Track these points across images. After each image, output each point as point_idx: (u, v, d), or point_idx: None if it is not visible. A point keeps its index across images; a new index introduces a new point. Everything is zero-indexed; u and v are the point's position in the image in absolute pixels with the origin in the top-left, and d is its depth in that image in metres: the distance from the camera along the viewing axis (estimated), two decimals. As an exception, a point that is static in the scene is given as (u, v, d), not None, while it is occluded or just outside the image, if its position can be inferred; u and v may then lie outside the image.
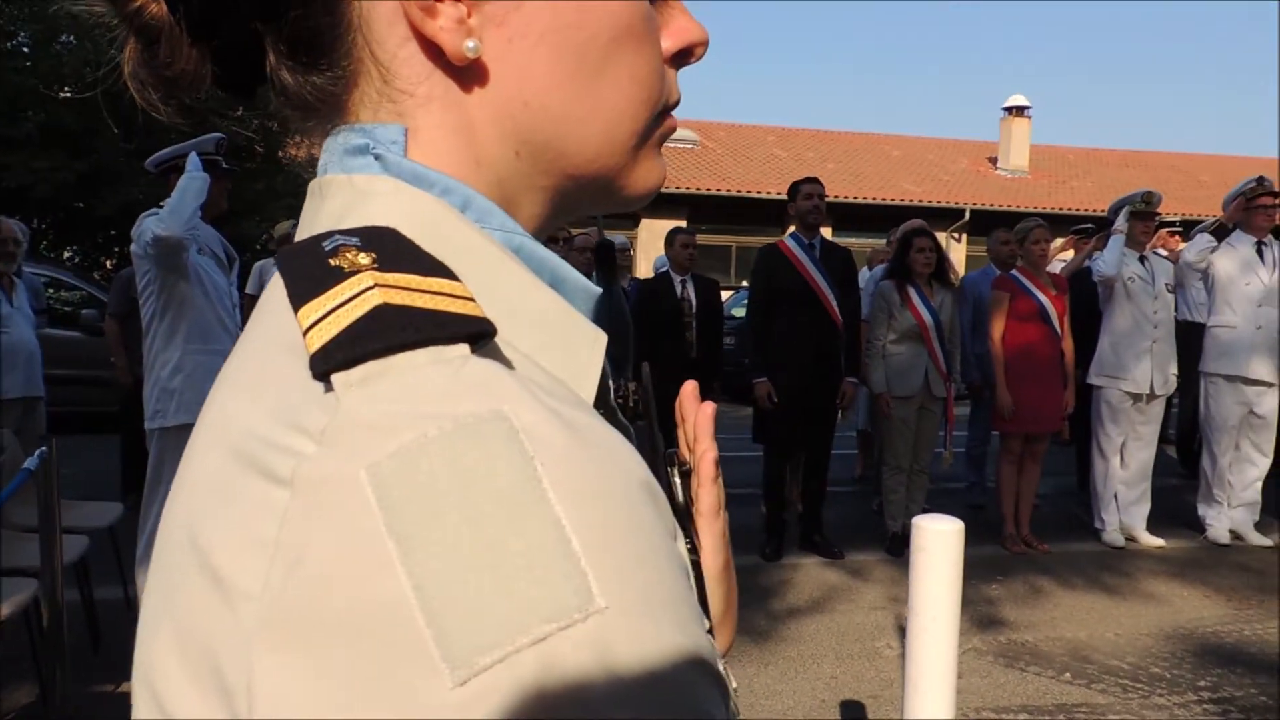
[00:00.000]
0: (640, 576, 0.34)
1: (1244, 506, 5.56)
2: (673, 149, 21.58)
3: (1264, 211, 5.44)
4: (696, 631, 0.36)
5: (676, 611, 0.35)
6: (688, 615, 0.36)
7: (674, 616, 0.35)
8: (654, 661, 0.33)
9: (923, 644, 1.88)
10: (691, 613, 0.36)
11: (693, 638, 0.35)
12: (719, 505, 0.67)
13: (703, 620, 0.38)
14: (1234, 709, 3.41)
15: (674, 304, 5.70)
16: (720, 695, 0.37)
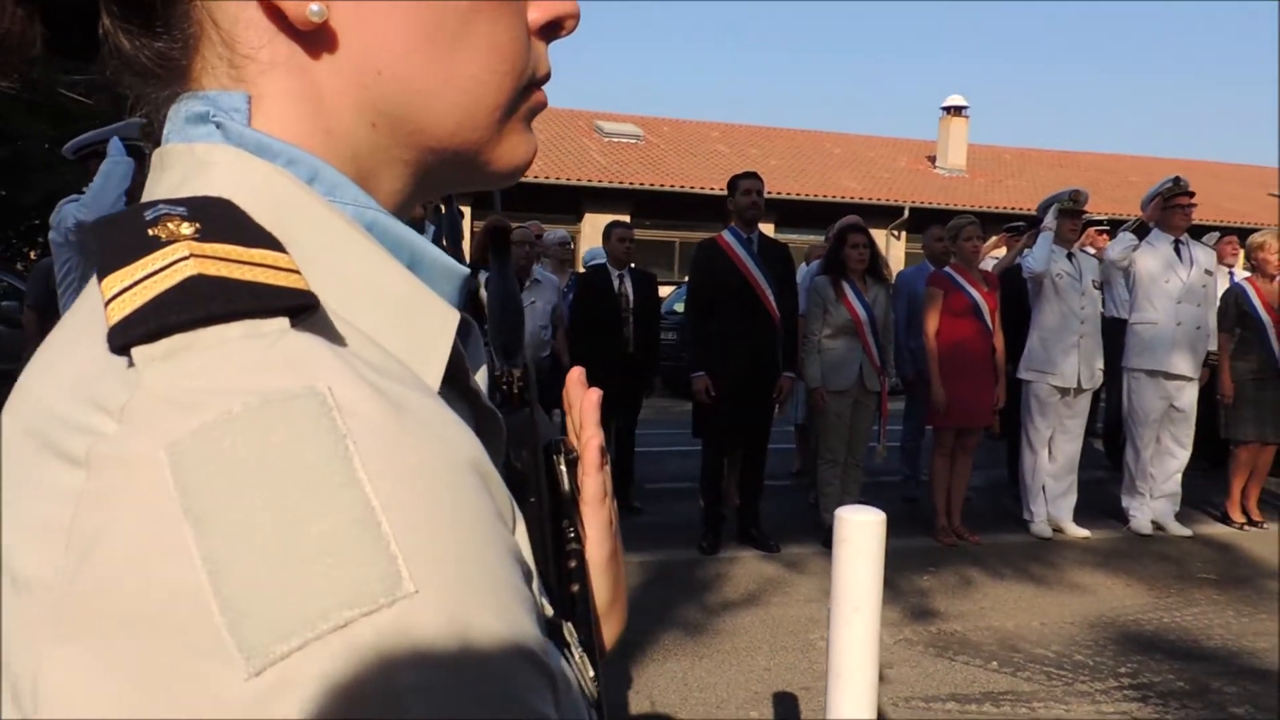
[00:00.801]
0: (458, 560, 0.33)
1: (1165, 498, 5.73)
2: (617, 144, 21.58)
3: (1181, 211, 5.61)
4: (519, 619, 0.35)
5: (497, 597, 0.34)
6: (510, 602, 0.35)
7: (494, 603, 0.34)
8: (467, 649, 0.32)
9: (846, 634, 1.90)
10: (516, 599, 0.35)
11: (513, 625, 0.34)
12: (604, 493, 0.66)
13: (532, 609, 0.37)
14: (1152, 694, 3.51)
15: (611, 299, 5.69)
16: (547, 686, 0.36)
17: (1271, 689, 3.57)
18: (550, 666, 0.37)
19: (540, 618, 0.41)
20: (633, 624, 3.09)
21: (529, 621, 0.36)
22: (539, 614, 0.42)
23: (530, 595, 0.38)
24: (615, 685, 3.53)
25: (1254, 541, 5.57)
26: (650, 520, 5.91)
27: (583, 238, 18.85)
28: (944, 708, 3.39)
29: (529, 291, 5.84)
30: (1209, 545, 5.48)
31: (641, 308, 5.82)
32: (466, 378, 0.47)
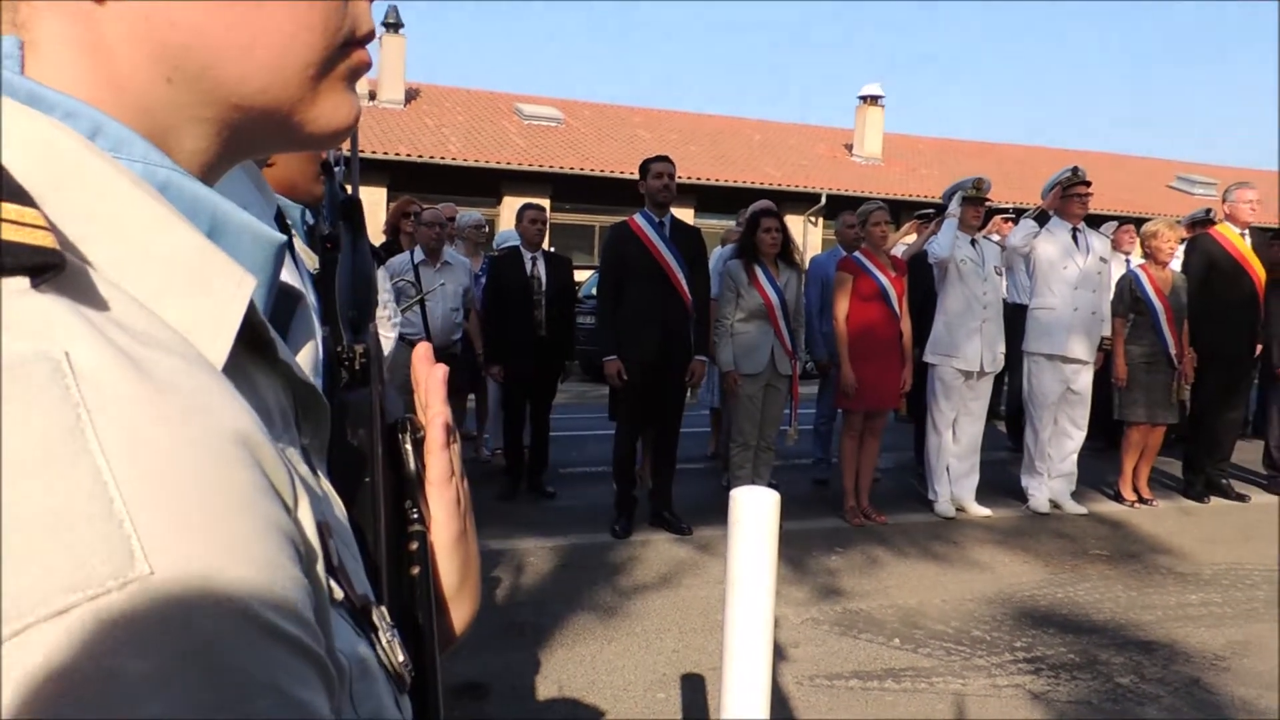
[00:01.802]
0: (204, 539, 0.31)
1: (1062, 477, 5.93)
2: (537, 127, 21.39)
3: (1078, 200, 5.79)
4: (276, 601, 0.33)
5: (249, 579, 0.32)
6: (268, 584, 0.33)
7: (245, 585, 0.31)
8: (208, 635, 0.30)
9: (740, 614, 1.91)
10: (276, 581, 0.33)
11: (269, 609, 0.32)
12: (451, 473, 0.63)
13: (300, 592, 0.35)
14: (1045, 666, 3.63)
15: (523, 281, 5.64)
16: (314, 673, 0.34)
17: (1156, 659, 3.72)
18: (317, 652, 0.35)
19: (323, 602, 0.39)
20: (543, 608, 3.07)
21: (292, 604, 0.33)
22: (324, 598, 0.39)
23: (300, 578, 0.35)
24: (523, 671, 3.51)
25: (1144, 519, 5.80)
26: (564, 505, 5.90)
27: (501, 221, 18.65)
28: (847, 685, 3.45)
29: (439, 273, 5.75)
30: (1102, 523, 5.69)
31: (555, 291, 5.78)
32: (274, 349, 0.45)
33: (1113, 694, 3.41)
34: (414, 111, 20.39)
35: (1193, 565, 4.91)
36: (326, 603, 0.40)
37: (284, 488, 0.38)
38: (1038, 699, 3.36)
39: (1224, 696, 3.40)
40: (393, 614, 0.51)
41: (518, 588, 4.40)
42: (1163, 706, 3.32)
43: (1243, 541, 5.38)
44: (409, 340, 5.66)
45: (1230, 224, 6.37)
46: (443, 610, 0.63)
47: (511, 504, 5.80)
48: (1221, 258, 6.26)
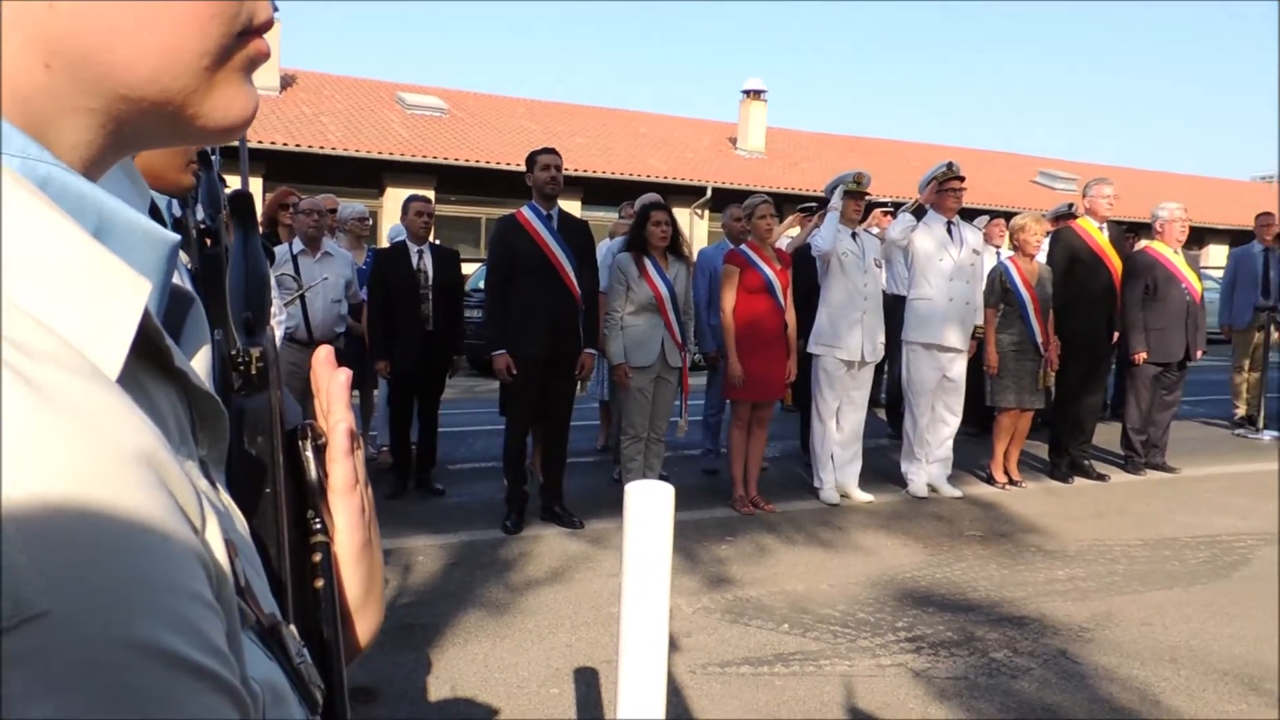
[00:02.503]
0: (109, 569, 0.29)
1: (939, 462, 6.16)
2: (421, 117, 20.98)
3: (953, 194, 6.02)
4: (195, 632, 0.31)
5: (158, 610, 0.30)
6: (183, 613, 0.31)
7: (152, 616, 0.30)
8: (117, 673, 0.28)
9: (635, 608, 1.92)
10: (193, 610, 0.32)
11: (180, 640, 0.30)
12: (355, 480, 0.61)
13: (213, 617, 0.33)
14: (925, 645, 3.77)
15: (410, 275, 5.53)
16: (229, 704, 0.33)
17: (1027, 633, 3.91)
18: (231, 682, 0.33)
19: (235, 627, 0.37)
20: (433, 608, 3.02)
21: (204, 633, 0.32)
22: (235, 622, 0.38)
23: (212, 603, 0.34)
24: (414, 672, 3.45)
25: (1014, 500, 6.09)
26: (454, 501, 5.82)
27: (385, 212, 18.24)
28: (738, 672, 3.51)
29: (320, 265, 5.59)
30: (976, 505, 5.95)
31: (442, 285, 5.69)
32: (169, 357, 0.42)
33: (988, 668, 3.57)
34: (290, 99, 19.72)
35: (1059, 543, 5.18)
36: (238, 627, 0.39)
37: (191, 507, 0.36)
38: (919, 676, 3.48)
39: (1088, 666, 3.60)
40: (298, 630, 0.50)
41: (407, 587, 4.32)
42: (1033, 678, 3.50)
43: (1104, 518, 5.70)
44: (289, 336, 5.48)
45: (1090, 218, 6.73)
46: (348, 623, 0.61)
47: (399, 502, 5.69)
48: (1082, 250, 6.60)
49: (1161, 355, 6.75)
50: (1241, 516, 5.75)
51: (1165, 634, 3.93)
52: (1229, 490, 6.39)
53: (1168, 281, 6.73)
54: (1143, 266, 6.78)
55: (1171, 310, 6.71)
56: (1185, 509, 5.91)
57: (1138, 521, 5.62)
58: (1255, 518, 5.73)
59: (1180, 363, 6.83)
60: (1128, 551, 5.03)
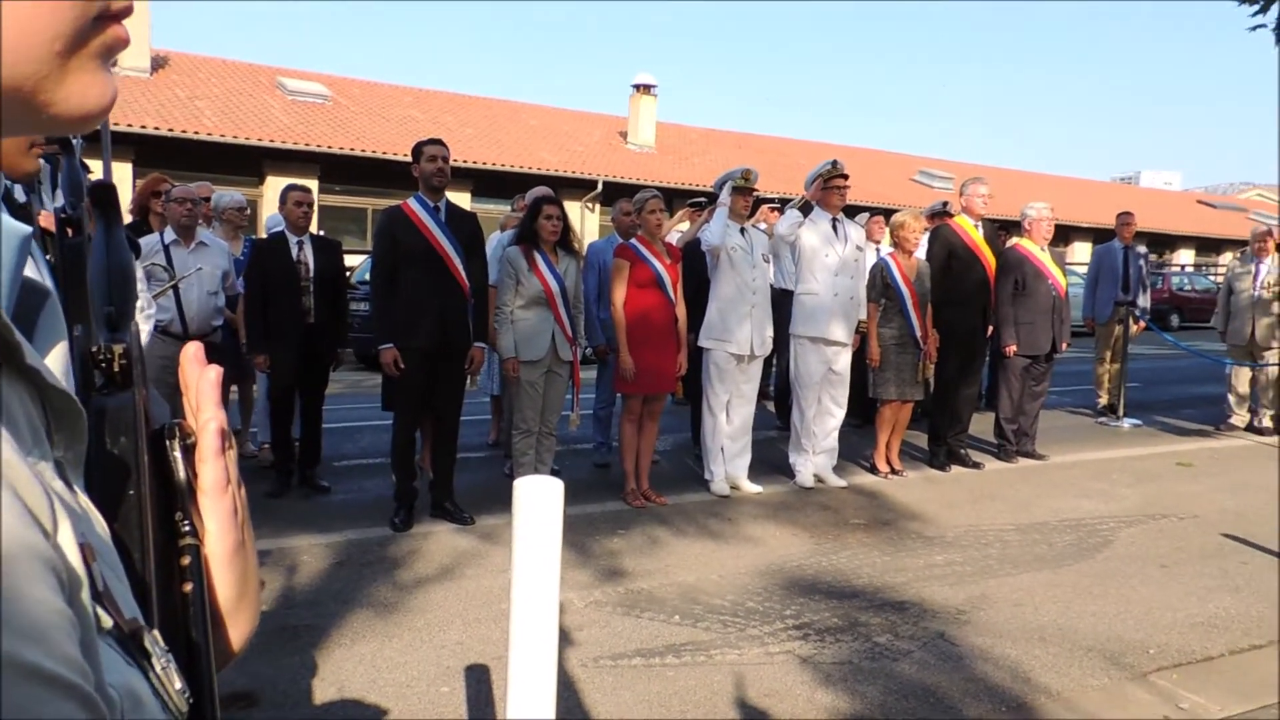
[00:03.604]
0: None
1: (825, 453, 6.32)
2: (302, 104, 20.34)
3: (837, 191, 6.17)
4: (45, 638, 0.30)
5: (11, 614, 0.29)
6: (32, 619, 0.30)
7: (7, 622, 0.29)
8: None
9: (525, 604, 1.90)
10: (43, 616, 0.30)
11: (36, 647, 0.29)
12: (226, 480, 0.59)
13: (66, 626, 0.31)
14: (811, 632, 3.86)
15: (289, 266, 5.36)
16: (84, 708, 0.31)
17: (908, 617, 4.05)
18: (85, 689, 0.32)
19: (90, 633, 0.36)
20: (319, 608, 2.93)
21: (55, 639, 0.31)
22: (90, 628, 0.36)
23: (63, 609, 0.32)
24: (298, 675, 3.35)
25: (896, 488, 6.29)
26: (340, 499, 5.68)
27: (265, 202, 17.64)
28: (630, 664, 3.53)
29: (194, 255, 5.37)
30: (860, 494, 6.12)
31: (324, 276, 5.53)
32: (19, 353, 0.39)
33: (871, 653, 3.68)
34: (162, 81, 18.84)
35: (938, 529, 5.38)
36: (94, 633, 0.37)
37: (41, 511, 0.34)
38: (805, 662, 3.57)
39: (964, 647, 3.75)
40: (165, 635, 0.48)
41: (290, 588, 4.19)
42: (913, 660, 3.62)
43: (979, 504, 5.94)
44: (162, 329, 5.25)
45: (966, 216, 7.00)
46: (220, 627, 0.60)
47: (282, 500, 5.52)
48: (959, 247, 6.86)
49: (1030, 348, 7.07)
50: (1104, 501, 6.08)
51: (1035, 614, 4.13)
52: (1093, 476, 6.75)
53: (1036, 277, 7.06)
54: (1013, 263, 7.09)
55: (1039, 305, 7.04)
56: (1053, 494, 6.22)
57: (1010, 507, 5.88)
58: (1116, 501, 6.07)
59: (1048, 355, 7.18)
60: (1001, 536, 5.26)
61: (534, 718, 1.91)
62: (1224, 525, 5.54)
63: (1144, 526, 5.52)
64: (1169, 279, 23.24)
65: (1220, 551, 5.07)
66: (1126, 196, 32.72)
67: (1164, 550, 5.07)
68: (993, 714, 3.23)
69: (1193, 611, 4.21)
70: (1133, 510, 5.86)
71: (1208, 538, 5.31)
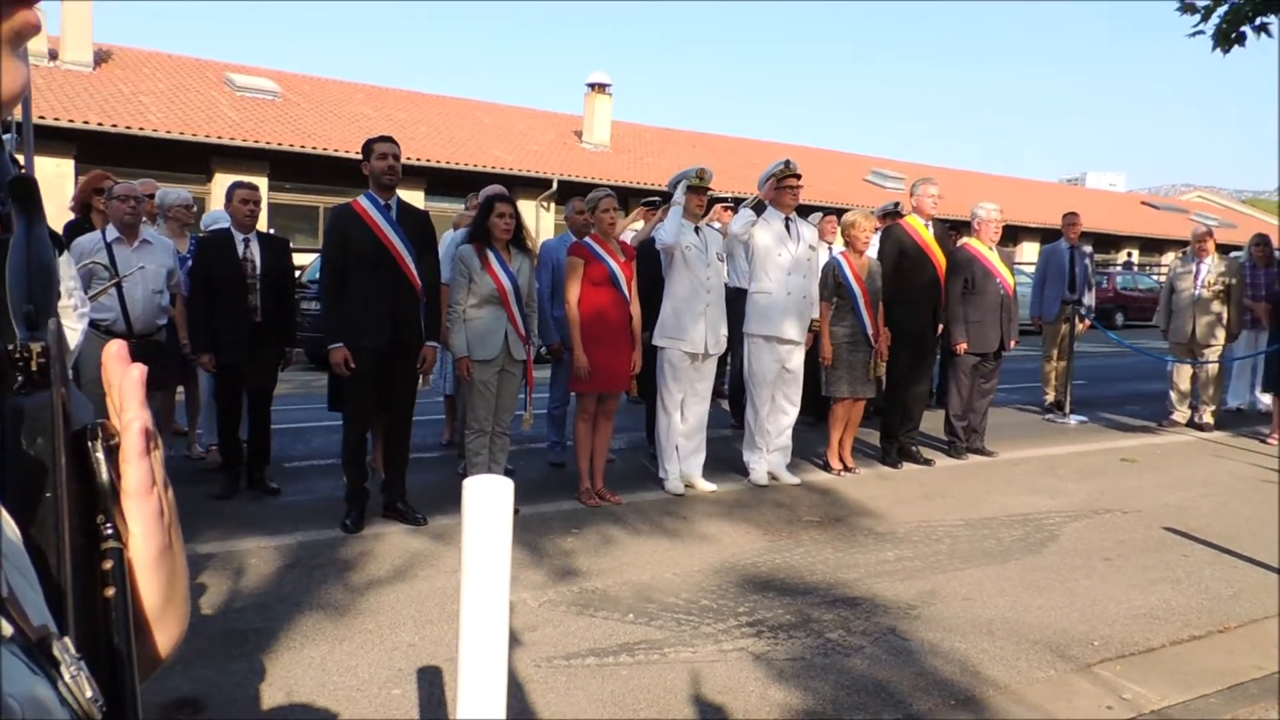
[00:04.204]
0: None
1: (779, 451, 6.36)
2: (252, 100, 20.02)
3: (790, 191, 6.21)
4: None
5: None
6: None
7: None
8: None
9: (475, 605, 1.88)
10: None
11: None
12: (151, 482, 0.57)
13: None
14: (765, 629, 3.88)
15: (235, 264, 5.27)
16: None
17: (860, 613, 4.09)
18: None
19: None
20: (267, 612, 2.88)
21: None
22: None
23: None
24: (246, 680, 3.29)
25: (849, 485, 6.35)
26: (289, 501, 5.59)
27: (213, 199, 17.33)
28: (584, 663, 3.52)
29: (137, 253, 5.25)
30: (813, 491, 6.17)
31: (271, 274, 5.45)
32: None
33: (824, 648, 3.70)
34: (105, 76, 18.43)
35: (889, 525, 5.44)
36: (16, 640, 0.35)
37: None
38: (759, 659, 3.58)
39: (915, 642, 3.80)
40: (85, 641, 0.47)
41: (238, 592, 4.12)
42: (865, 656, 3.65)
43: (929, 500, 6.02)
44: (105, 329, 5.14)
45: (917, 215, 7.08)
46: (145, 633, 0.58)
47: (230, 503, 5.42)
48: (910, 246, 6.94)
49: (979, 346, 7.18)
50: (1050, 496, 6.19)
51: (984, 608, 4.19)
52: (1040, 472, 6.87)
53: (985, 277, 7.17)
54: (963, 262, 7.19)
55: (988, 303, 7.15)
56: (1002, 490, 6.32)
57: (959, 503, 5.96)
58: (1063, 496, 6.18)
59: (996, 353, 7.29)
60: (951, 531, 5.33)
61: (484, 719, 1.89)
62: (1166, 519, 5.67)
63: (1089, 521, 5.63)
64: (1113, 278, 23.75)
65: (1162, 545, 5.19)
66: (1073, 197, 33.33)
67: (1108, 544, 5.17)
68: (942, 707, 3.27)
69: (1135, 604, 4.30)
70: (1078, 505, 5.98)
71: (1150, 531, 5.43)
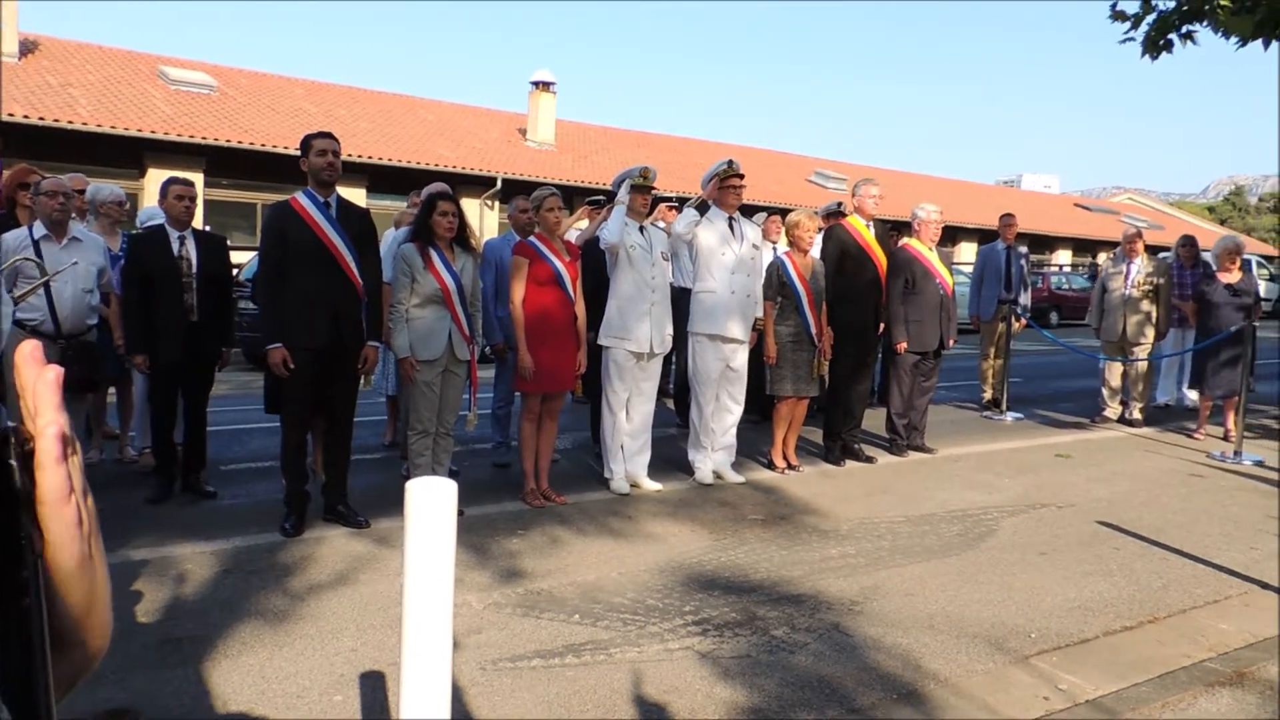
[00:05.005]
0: None
1: (723, 450, 6.39)
2: (187, 94, 19.56)
3: (733, 191, 6.25)
4: None
5: None
6: None
7: None
8: None
9: (418, 608, 1.86)
10: None
11: None
12: (69, 489, 0.55)
13: None
14: (710, 627, 3.89)
15: (170, 262, 5.14)
16: None
17: (804, 610, 4.12)
18: None
19: None
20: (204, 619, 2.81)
21: None
22: None
23: None
24: (181, 689, 3.22)
25: (792, 483, 6.40)
26: (226, 504, 5.48)
27: (146, 195, 16.92)
28: (529, 665, 3.49)
29: (66, 251, 5.10)
30: (758, 489, 6.21)
31: (207, 273, 5.32)
32: None
33: (769, 646, 3.73)
34: (32, 67, 17.87)
35: (832, 522, 5.49)
36: None
37: None
38: (705, 658, 3.59)
39: (858, 637, 3.84)
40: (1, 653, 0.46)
41: (173, 599, 4.02)
42: (810, 652, 3.69)
43: (871, 498, 6.09)
44: (33, 329, 4.98)
45: (858, 216, 7.17)
46: (64, 645, 0.56)
47: (165, 507, 5.29)
48: (851, 246, 7.02)
49: (919, 344, 7.29)
50: (988, 492, 6.31)
51: (925, 603, 4.26)
52: (978, 468, 7.00)
53: (924, 277, 7.28)
54: (903, 262, 7.30)
55: (928, 303, 7.26)
56: (941, 486, 6.42)
57: (901, 500, 6.05)
58: (1000, 492, 6.31)
59: (936, 351, 7.41)
60: (892, 528, 5.41)
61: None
62: (1098, 513, 5.81)
63: (1025, 516, 5.75)
64: (1048, 278, 24.30)
65: (1095, 538, 5.32)
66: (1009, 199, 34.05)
67: (1044, 538, 5.29)
68: (885, 702, 3.31)
69: (1070, 596, 4.40)
70: (1015, 500, 6.10)
71: (1084, 525, 5.56)
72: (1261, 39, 7.86)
